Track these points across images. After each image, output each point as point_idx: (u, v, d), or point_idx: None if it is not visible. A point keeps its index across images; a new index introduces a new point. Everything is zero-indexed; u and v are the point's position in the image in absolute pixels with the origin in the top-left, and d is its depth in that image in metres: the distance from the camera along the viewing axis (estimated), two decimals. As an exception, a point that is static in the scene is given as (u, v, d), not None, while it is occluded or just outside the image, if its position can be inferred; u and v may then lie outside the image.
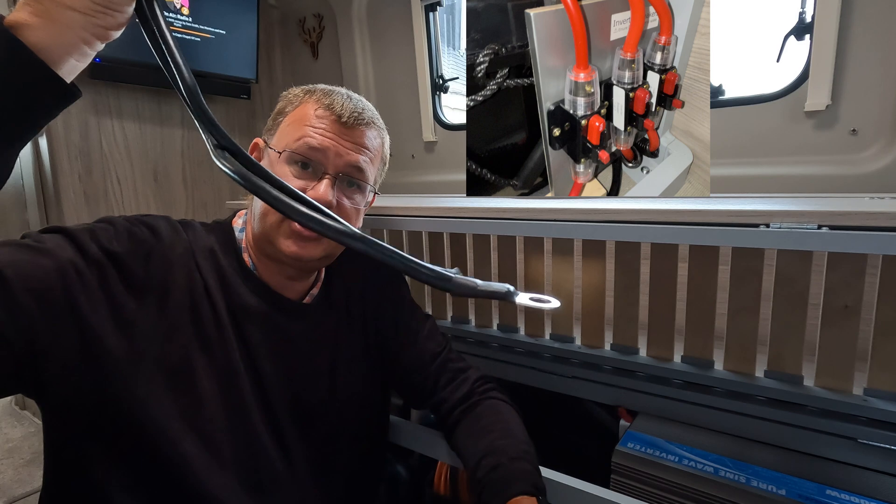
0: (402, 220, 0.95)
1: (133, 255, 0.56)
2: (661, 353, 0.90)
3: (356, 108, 0.64)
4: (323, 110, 0.63)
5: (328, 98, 0.64)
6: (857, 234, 0.60)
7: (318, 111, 0.64)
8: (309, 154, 0.62)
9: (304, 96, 0.66)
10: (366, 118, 0.65)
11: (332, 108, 0.63)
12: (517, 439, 0.69)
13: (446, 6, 1.78)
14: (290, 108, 0.66)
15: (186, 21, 1.82)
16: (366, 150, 0.66)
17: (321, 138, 0.62)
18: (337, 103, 0.64)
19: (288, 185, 0.40)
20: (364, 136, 0.65)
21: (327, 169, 0.63)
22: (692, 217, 0.69)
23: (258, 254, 0.65)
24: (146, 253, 0.57)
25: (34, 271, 0.48)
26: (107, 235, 0.55)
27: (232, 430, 0.58)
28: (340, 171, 0.63)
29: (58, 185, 1.65)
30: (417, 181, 1.85)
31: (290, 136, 0.63)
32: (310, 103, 0.65)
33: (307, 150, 0.62)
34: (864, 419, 0.72)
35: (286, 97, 0.68)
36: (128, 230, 0.57)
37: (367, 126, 0.66)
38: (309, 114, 0.64)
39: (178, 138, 1.97)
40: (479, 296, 0.41)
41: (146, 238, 0.58)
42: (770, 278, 0.78)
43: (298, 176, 0.62)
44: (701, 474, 0.72)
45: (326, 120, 0.63)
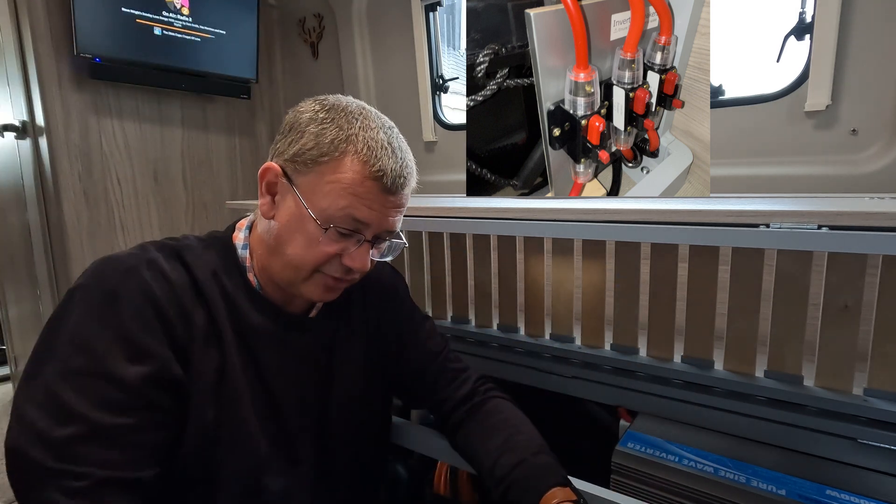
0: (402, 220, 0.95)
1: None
2: (661, 353, 0.90)
3: (402, 173, 0.60)
4: (371, 181, 0.57)
5: (375, 160, 0.57)
6: (857, 234, 0.60)
7: (367, 182, 0.57)
8: (353, 226, 0.59)
9: (344, 146, 0.57)
10: (410, 182, 0.63)
11: (380, 178, 0.58)
12: (531, 435, 0.70)
13: (446, 6, 1.78)
14: (326, 158, 0.57)
15: (186, 21, 1.82)
16: (404, 208, 0.64)
17: (367, 211, 0.58)
18: (386, 168, 0.58)
19: None
20: (405, 199, 0.63)
21: (367, 236, 0.60)
22: (692, 217, 0.69)
23: (266, 279, 0.65)
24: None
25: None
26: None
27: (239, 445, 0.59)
28: (378, 233, 0.62)
29: (58, 185, 1.65)
30: (417, 181, 1.85)
31: (331, 202, 0.57)
32: (354, 161, 0.57)
33: (352, 222, 0.58)
34: (864, 419, 0.72)
35: (320, 138, 0.58)
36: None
37: (408, 187, 0.63)
38: (354, 180, 0.57)
39: (178, 138, 1.97)
40: None
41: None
42: (770, 278, 0.78)
43: (337, 241, 0.59)
44: (701, 474, 0.71)
45: (374, 191, 0.58)
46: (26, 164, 1.74)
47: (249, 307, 0.62)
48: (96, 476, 0.47)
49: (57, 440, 0.47)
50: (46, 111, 1.61)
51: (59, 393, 0.49)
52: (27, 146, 1.71)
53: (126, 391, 0.50)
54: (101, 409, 0.49)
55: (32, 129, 1.67)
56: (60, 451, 0.47)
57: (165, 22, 1.77)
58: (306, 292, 0.61)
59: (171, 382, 0.54)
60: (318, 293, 0.62)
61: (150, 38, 1.74)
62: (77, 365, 0.50)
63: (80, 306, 0.52)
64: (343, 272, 0.61)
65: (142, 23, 1.71)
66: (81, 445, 0.47)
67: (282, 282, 0.63)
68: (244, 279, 0.64)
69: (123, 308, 0.53)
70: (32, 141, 1.68)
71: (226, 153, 2.14)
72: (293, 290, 0.62)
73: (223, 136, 2.12)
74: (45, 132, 1.62)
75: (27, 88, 1.64)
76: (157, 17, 1.75)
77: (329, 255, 0.59)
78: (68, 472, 0.46)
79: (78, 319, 0.52)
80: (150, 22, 1.73)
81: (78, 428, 0.48)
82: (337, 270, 0.61)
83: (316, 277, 0.61)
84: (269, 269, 0.63)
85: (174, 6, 1.78)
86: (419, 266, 1.18)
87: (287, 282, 0.62)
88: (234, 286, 0.63)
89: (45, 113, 1.60)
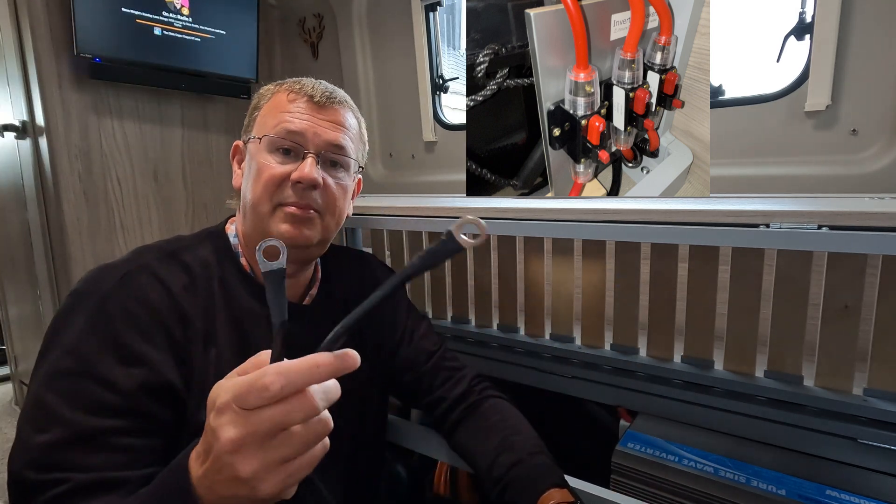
0: (402, 220, 0.95)
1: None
2: (661, 353, 0.90)
3: (327, 89, 0.66)
4: (294, 94, 0.65)
5: (298, 84, 0.66)
6: (857, 234, 0.60)
7: (290, 95, 0.65)
8: (289, 137, 0.63)
9: (275, 88, 0.68)
10: (338, 97, 0.67)
11: (304, 91, 0.65)
12: (528, 435, 0.70)
13: (446, 6, 1.78)
14: (263, 102, 0.67)
15: (186, 21, 1.82)
16: (343, 129, 0.67)
17: (298, 121, 0.63)
18: (307, 86, 0.66)
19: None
20: (339, 115, 0.67)
21: (308, 149, 0.63)
22: (692, 217, 0.69)
23: (255, 258, 0.65)
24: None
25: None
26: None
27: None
28: (322, 149, 0.64)
29: (58, 185, 1.65)
30: (417, 181, 1.85)
31: (267, 126, 0.64)
32: (281, 92, 0.66)
33: (286, 133, 0.63)
34: (864, 419, 0.72)
35: (258, 93, 0.70)
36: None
37: (340, 105, 0.67)
38: (282, 101, 0.65)
39: (178, 138, 1.97)
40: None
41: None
42: (770, 278, 0.78)
43: (282, 162, 0.63)
44: (701, 474, 0.71)
45: (300, 102, 0.64)
46: (26, 164, 1.74)
47: (243, 292, 0.63)
48: (77, 480, 0.45)
49: (37, 447, 0.46)
50: (46, 111, 1.60)
51: (43, 398, 0.48)
52: (27, 146, 1.71)
53: (117, 393, 0.49)
54: (86, 411, 0.48)
55: (32, 129, 1.67)
56: (41, 460, 0.46)
57: (165, 22, 1.77)
58: (276, 230, 0.62)
59: (166, 388, 0.53)
60: (287, 227, 0.62)
61: (150, 39, 1.74)
62: (64, 367, 0.49)
63: (73, 314, 0.52)
64: (298, 194, 0.62)
65: (142, 23, 1.71)
66: (62, 451, 0.46)
67: (255, 234, 0.64)
68: (237, 265, 0.65)
69: (117, 314, 0.52)
70: (32, 141, 1.68)
71: (226, 153, 2.14)
72: (267, 235, 0.62)
73: (223, 136, 2.12)
74: (45, 132, 1.62)
75: (27, 88, 1.64)
76: (157, 18, 1.75)
77: (276, 176, 0.62)
78: (49, 482, 0.45)
79: (71, 327, 0.51)
80: (149, 22, 1.73)
81: (59, 432, 0.46)
82: (291, 195, 0.62)
83: (278, 212, 0.62)
84: (248, 233, 0.65)
85: (174, 6, 1.78)
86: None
87: (259, 230, 0.63)
88: (228, 273, 0.64)
89: (45, 113, 1.60)
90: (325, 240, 0.67)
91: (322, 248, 0.69)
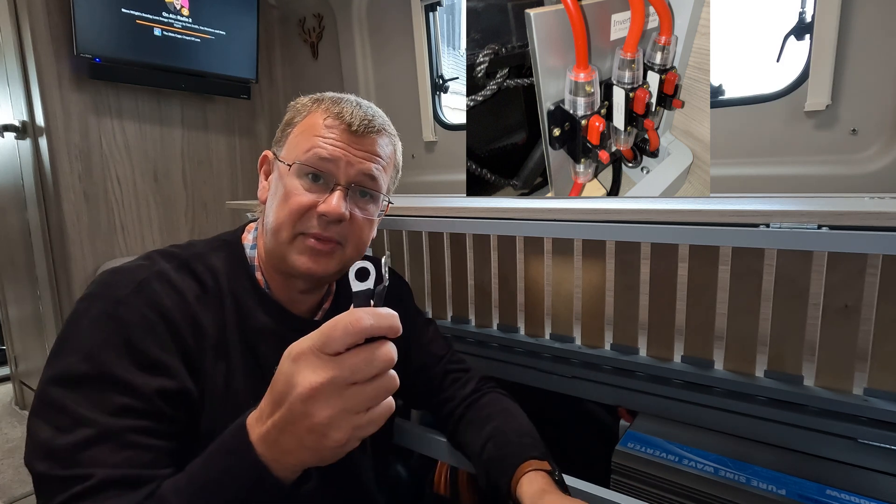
0: (402, 220, 0.95)
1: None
2: (661, 353, 0.90)
3: (366, 116, 0.63)
4: (332, 119, 0.62)
5: (337, 106, 0.63)
6: (857, 234, 0.60)
7: (328, 120, 0.62)
8: (319, 165, 0.60)
9: (312, 105, 0.64)
10: (376, 125, 0.63)
11: (342, 117, 0.61)
12: (521, 422, 0.71)
13: (446, 6, 1.78)
14: (298, 119, 0.64)
15: (186, 22, 1.82)
16: (378, 158, 0.64)
17: (332, 148, 0.60)
18: (346, 111, 0.62)
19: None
20: (375, 144, 0.63)
21: (339, 180, 0.61)
22: (692, 217, 0.69)
23: (270, 270, 0.64)
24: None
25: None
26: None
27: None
28: (352, 181, 0.61)
29: (58, 185, 1.65)
30: (417, 181, 1.85)
31: (299, 148, 0.61)
32: (318, 112, 0.63)
33: (317, 161, 0.60)
34: (864, 419, 0.72)
35: (294, 107, 0.66)
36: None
37: (377, 133, 0.64)
38: (318, 123, 0.62)
39: (178, 138, 1.97)
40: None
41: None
42: (770, 278, 0.78)
43: (309, 189, 0.60)
44: (701, 474, 0.71)
45: (336, 129, 0.61)
46: (26, 164, 1.74)
47: (256, 307, 0.62)
48: (101, 475, 0.46)
49: (61, 447, 0.46)
50: (46, 111, 1.61)
51: (63, 402, 0.48)
52: (27, 146, 1.71)
53: (137, 397, 0.49)
54: (108, 413, 0.48)
55: (32, 129, 1.67)
56: (66, 458, 0.46)
57: (165, 22, 1.77)
58: (294, 261, 0.60)
59: (183, 394, 0.53)
60: (305, 260, 0.60)
61: (150, 39, 1.74)
62: (81, 371, 0.49)
63: (87, 318, 0.51)
64: (322, 227, 0.60)
65: (142, 23, 1.71)
66: (87, 450, 0.46)
67: (273, 257, 0.62)
68: (251, 278, 0.64)
69: (134, 319, 0.52)
70: (32, 141, 1.68)
71: (226, 153, 2.14)
72: (284, 265, 0.61)
73: (223, 136, 2.12)
74: (45, 132, 1.62)
75: (27, 88, 1.64)
76: (156, 18, 1.75)
77: (303, 206, 0.59)
78: (75, 477, 0.45)
79: (85, 331, 0.51)
80: (150, 22, 1.73)
81: (83, 433, 0.47)
82: (314, 226, 0.60)
83: (298, 241, 0.60)
84: (267, 252, 0.63)
85: (174, 7, 1.78)
86: (419, 266, 1.18)
87: (277, 254, 0.61)
88: (242, 286, 0.62)
89: (45, 113, 1.60)
90: (343, 269, 0.65)
91: (339, 275, 0.66)
